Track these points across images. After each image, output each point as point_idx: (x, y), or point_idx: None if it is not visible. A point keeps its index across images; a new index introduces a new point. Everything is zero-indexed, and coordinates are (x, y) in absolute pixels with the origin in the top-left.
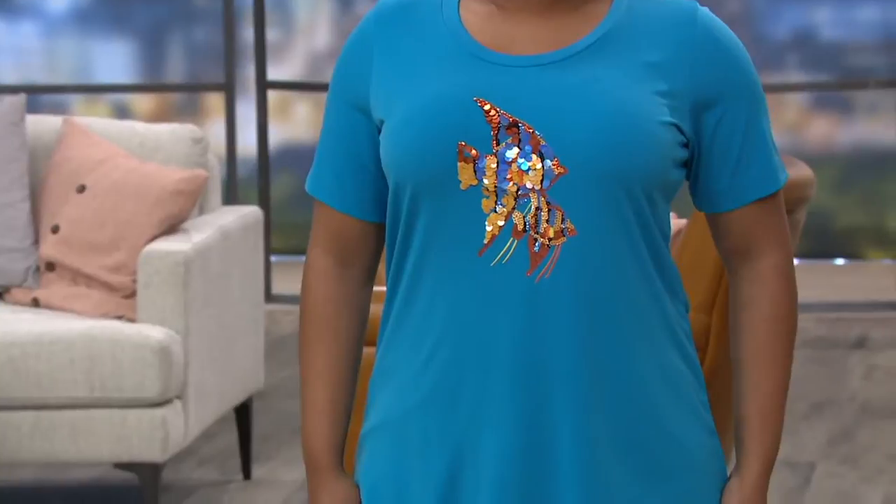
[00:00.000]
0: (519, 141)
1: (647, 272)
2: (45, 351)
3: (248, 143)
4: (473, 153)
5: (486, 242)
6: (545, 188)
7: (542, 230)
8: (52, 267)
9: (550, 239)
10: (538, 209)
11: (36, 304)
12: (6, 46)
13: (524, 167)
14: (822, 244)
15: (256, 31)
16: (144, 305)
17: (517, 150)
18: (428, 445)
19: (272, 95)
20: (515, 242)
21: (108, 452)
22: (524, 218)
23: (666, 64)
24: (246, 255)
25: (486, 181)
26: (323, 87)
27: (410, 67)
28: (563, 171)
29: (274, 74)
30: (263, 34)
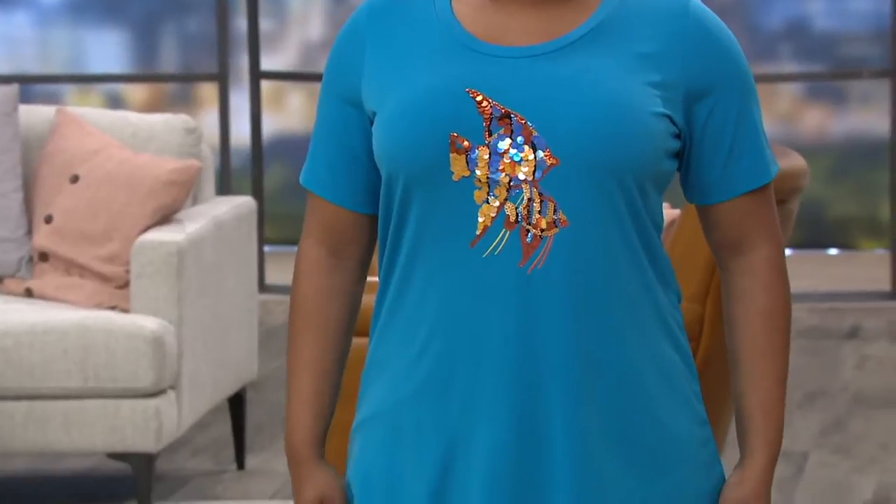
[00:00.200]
0: (511, 132)
1: (639, 263)
2: (38, 341)
3: (241, 133)
4: (466, 144)
5: (478, 234)
6: (537, 179)
7: (534, 221)
8: (45, 257)
9: (543, 230)
10: (530, 200)
11: (29, 294)
12: None
13: (516, 158)
14: (814, 234)
15: (250, 20)
16: (138, 296)
17: (509, 140)
18: (421, 437)
19: (266, 85)
20: (508, 233)
21: (101, 442)
22: (516, 209)
23: (658, 55)
24: (239, 245)
25: (478, 172)
26: (316, 77)
27: (403, 59)
28: (555, 161)
29: (267, 64)
30: (257, 24)
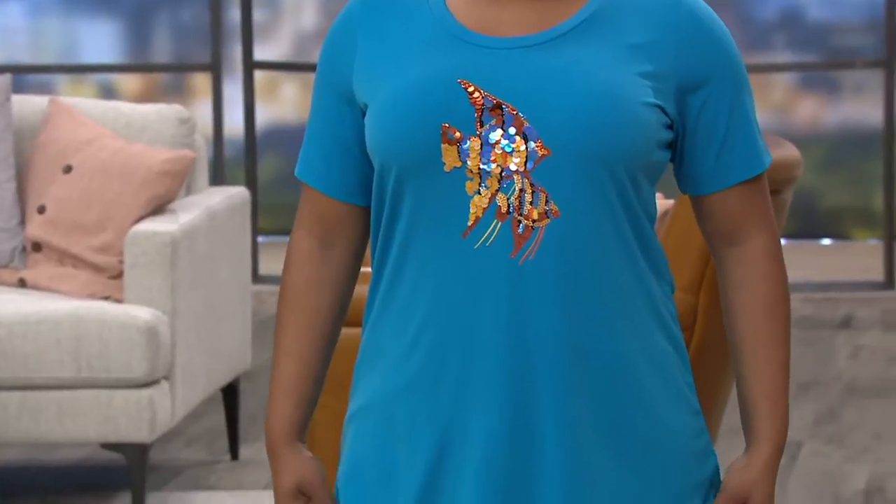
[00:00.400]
0: (503, 123)
1: (631, 253)
2: (31, 331)
3: (234, 123)
4: (457, 135)
5: (469, 225)
6: (529, 170)
7: (525, 212)
8: (38, 247)
9: (534, 221)
10: (522, 191)
11: (22, 284)
12: None
13: (508, 149)
14: (808, 224)
15: (243, 11)
16: (131, 286)
17: (501, 131)
18: (413, 427)
19: (259, 76)
20: (499, 224)
21: (94, 433)
22: (508, 200)
23: (650, 45)
24: (233, 235)
25: (469, 163)
26: (310, 67)
27: (395, 50)
28: (546, 152)
29: (261, 55)
30: (250, 14)
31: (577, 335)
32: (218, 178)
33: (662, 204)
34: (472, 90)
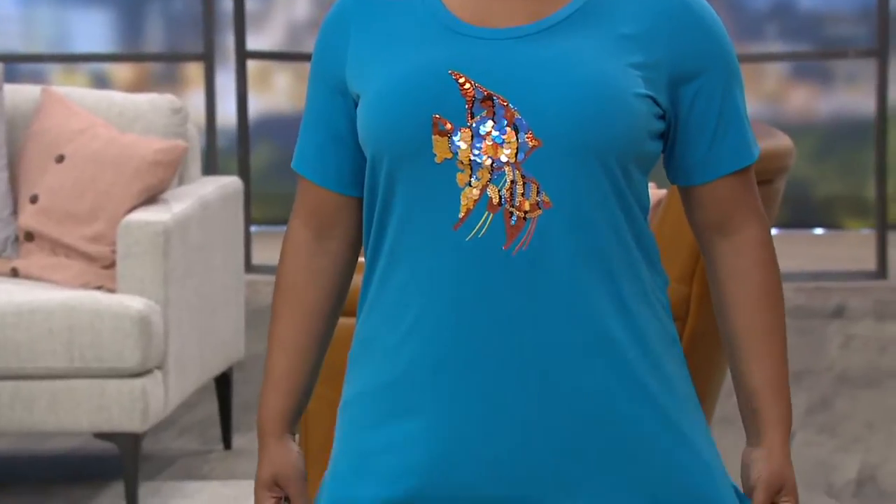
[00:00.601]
0: (493, 114)
1: (624, 244)
2: (24, 321)
3: (227, 113)
4: (448, 126)
5: (461, 216)
6: (520, 161)
7: (517, 203)
8: (30, 237)
9: (526, 212)
10: (513, 182)
11: (15, 274)
12: None
13: (498, 140)
14: (800, 214)
15: (236, 0)
16: (124, 276)
17: (491, 123)
18: (407, 418)
19: (252, 65)
20: (491, 216)
21: (87, 422)
22: (499, 191)
23: (642, 36)
24: (226, 225)
25: (460, 155)
26: (302, 56)
27: (387, 42)
28: (537, 143)
29: (253, 44)
30: (243, 3)
31: (571, 325)
32: (211, 167)
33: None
34: (462, 81)
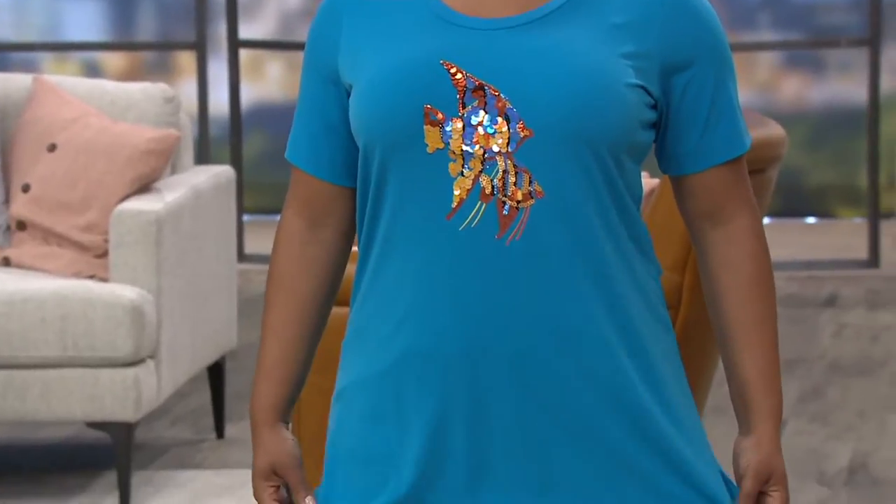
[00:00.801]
0: (485, 104)
1: (617, 234)
2: (16, 310)
3: (219, 102)
4: (440, 116)
5: (454, 206)
6: (511, 151)
7: (510, 193)
8: (23, 226)
9: (519, 202)
10: (505, 172)
11: (7, 263)
12: None
13: (490, 130)
14: (793, 203)
15: None
16: (116, 265)
17: (483, 113)
18: (402, 408)
19: (244, 54)
20: (484, 206)
21: (80, 411)
22: (491, 181)
23: (633, 25)
24: (218, 214)
25: (452, 145)
26: (295, 45)
27: (379, 31)
28: (528, 133)
29: (246, 33)
30: None
31: (563, 315)
32: (203, 156)
33: (648, 183)
34: (454, 71)
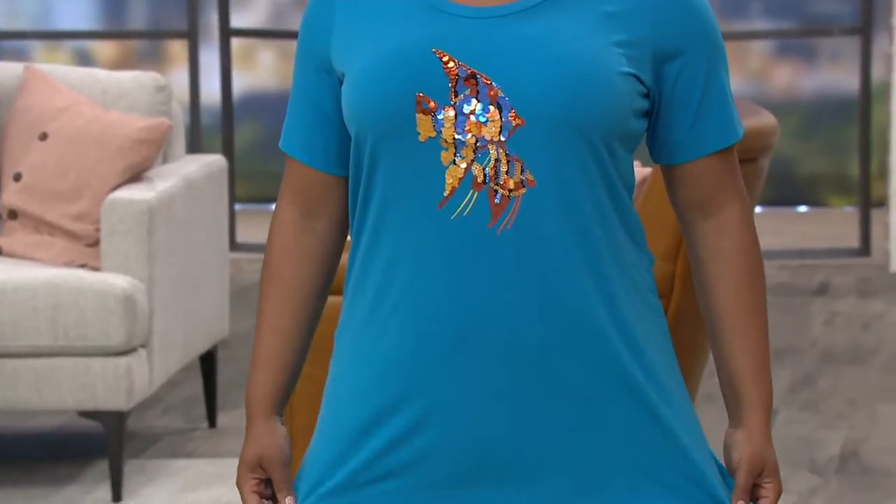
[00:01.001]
0: (477, 93)
1: (609, 222)
2: (7, 299)
3: (211, 91)
4: (432, 105)
5: (446, 195)
6: (503, 140)
7: (501, 182)
8: (14, 215)
9: (511, 190)
10: (497, 161)
11: None
12: None
13: (482, 119)
14: (784, 191)
15: None
16: (108, 254)
17: (475, 101)
18: (392, 398)
19: (236, 43)
20: (476, 194)
21: (72, 400)
22: (483, 170)
23: (625, 13)
24: (210, 203)
25: (444, 133)
26: (287, 34)
27: (372, 20)
28: (520, 122)
29: (237, 22)
30: None
31: (555, 303)
32: (195, 145)
33: (640, 172)
34: (446, 60)
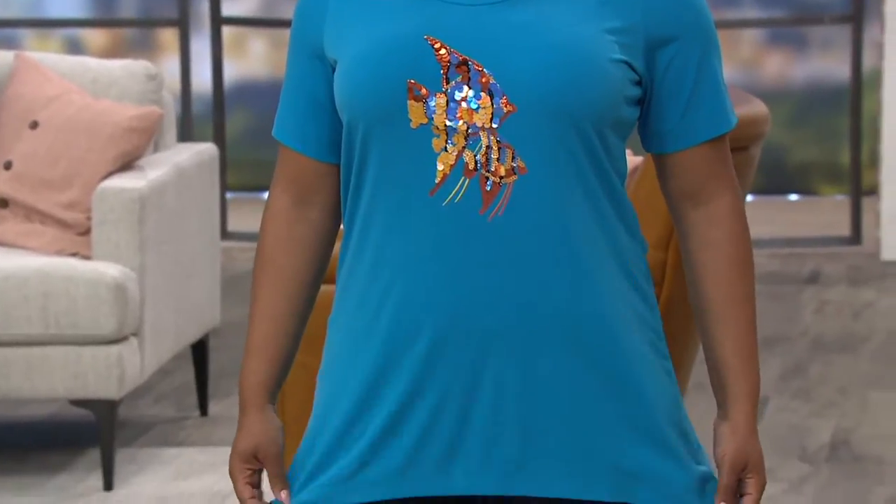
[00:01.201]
0: (469, 79)
1: (601, 210)
2: None
3: (202, 79)
4: (423, 91)
5: (437, 182)
6: (495, 127)
7: (493, 168)
8: (5, 204)
9: (502, 177)
10: (488, 148)
11: None
12: None
13: (473, 106)
14: (775, 180)
15: None
16: (99, 242)
17: (467, 88)
18: (384, 384)
19: (227, 31)
20: (467, 181)
21: (63, 389)
22: (475, 157)
23: (618, 0)
24: (201, 192)
25: (435, 120)
26: (278, 23)
27: (364, 8)
28: (511, 108)
29: (228, 10)
30: None
31: (547, 292)
32: (186, 134)
33: (632, 160)
34: (438, 47)
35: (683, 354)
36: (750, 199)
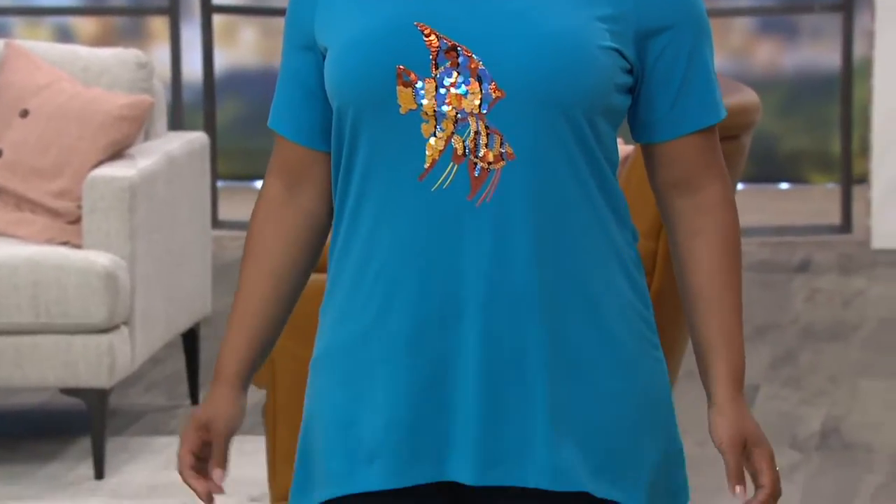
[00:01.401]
0: (457, 65)
1: (591, 197)
2: None
3: (193, 68)
4: (412, 77)
5: (426, 167)
6: (483, 112)
7: (481, 154)
8: None
9: (490, 163)
10: (477, 133)
11: None
12: None
13: (462, 91)
14: (766, 168)
15: None
16: (90, 231)
17: (456, 74)
18: (375, 373)
19: (217, 20)
20: (455, 167)
21: (54, 378)
22: (464, 142)
23: None
24: (192, 180)
25: (424, 106)
26: (268, 11)
27: None
28: (500, 94)
29: None
30: None
31: (533, 277)
32: (176, 122)
33: (622, 150)
34: (427, 32)
35: (674, 343)
36: (740, 187)
